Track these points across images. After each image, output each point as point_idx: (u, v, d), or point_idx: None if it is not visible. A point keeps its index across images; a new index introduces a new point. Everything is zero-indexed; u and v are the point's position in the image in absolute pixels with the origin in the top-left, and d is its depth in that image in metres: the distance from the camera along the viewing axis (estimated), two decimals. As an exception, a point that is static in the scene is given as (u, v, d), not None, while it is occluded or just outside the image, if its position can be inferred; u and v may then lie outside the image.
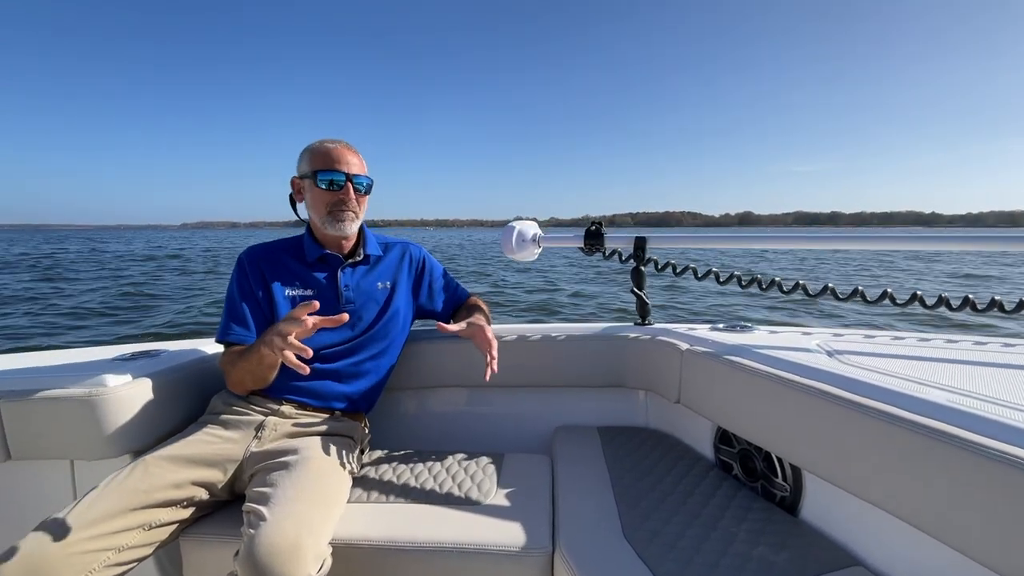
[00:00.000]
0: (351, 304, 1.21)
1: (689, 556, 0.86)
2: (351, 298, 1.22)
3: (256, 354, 1.02)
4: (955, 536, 0.66)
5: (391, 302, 1.27)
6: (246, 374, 1.08)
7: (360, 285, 1.24)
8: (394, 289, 1.29)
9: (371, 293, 1.25)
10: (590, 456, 1.25)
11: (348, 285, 1.22)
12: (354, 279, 1.24)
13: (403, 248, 1.36)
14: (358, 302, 1.22)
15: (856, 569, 0.82)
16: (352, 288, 1.22)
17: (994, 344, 1.10)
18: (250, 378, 1.09)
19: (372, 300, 1.25)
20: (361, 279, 1.25)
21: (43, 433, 1.07)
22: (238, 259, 1.21)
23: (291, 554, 0.78)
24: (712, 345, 1.21)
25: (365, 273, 1.26)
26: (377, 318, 1.25)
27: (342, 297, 1.20)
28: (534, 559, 0.91)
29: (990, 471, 0.62)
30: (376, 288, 1.26)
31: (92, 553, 0.79)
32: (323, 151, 1.16)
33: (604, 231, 1.44)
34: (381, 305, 1.26)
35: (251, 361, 1.04)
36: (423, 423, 1.54)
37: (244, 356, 1.07)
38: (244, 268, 1.20)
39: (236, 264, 1.21)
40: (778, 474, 1.04)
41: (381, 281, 1.27)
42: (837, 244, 1.27)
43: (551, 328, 1.48)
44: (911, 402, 0.77)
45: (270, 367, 1.07)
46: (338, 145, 1.17)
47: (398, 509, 1.04)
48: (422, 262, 1.38)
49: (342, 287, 1.21)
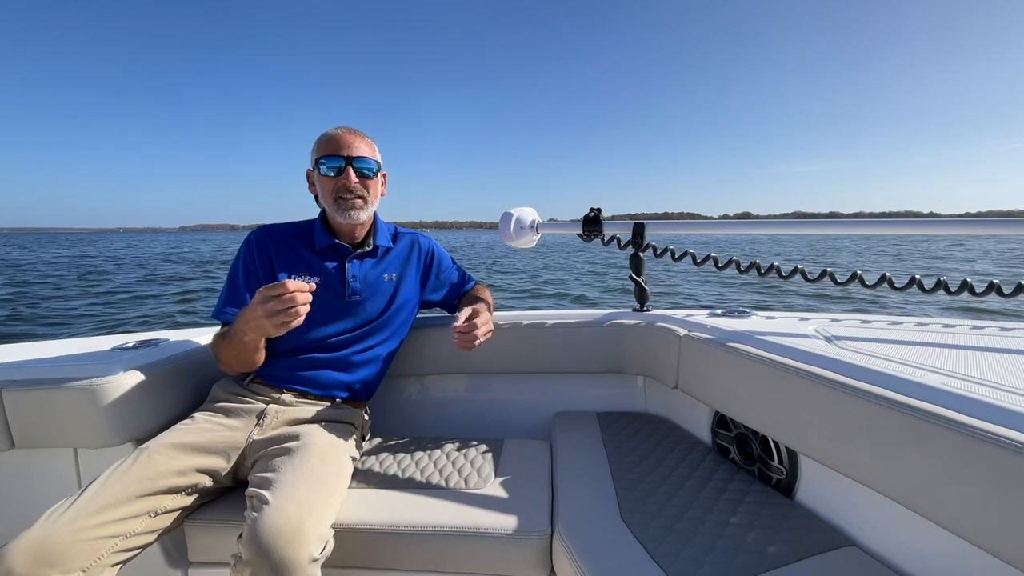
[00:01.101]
0: (357, 295, 1.21)
1: (686, 538, 0.87)
2: (358, 289, 1.21)
3: (238, 340, 1.01)
4: (949, 517, 0.67)
5: (397, 294, 1.27)
6: (231, 358, 1.08)
7: (367, 276, 1.24)
8: (401, 281, 1.29)
9: (378, 285, 1.25)
10: (589, 441, 1.26)
11: (356, 276, 1.22)
12: (362, 270, 1.23)
13: (412, 239, 1.35)
14: (364, 293, 1.22)
15: (850, 550, 0.84)
16: (360, 279, 1.22)
17: (991, 328, 1.10)
18: (235, 362, 1.09)
19: (378, 292, 1.25)
20: (369, 270, 1.24)
21: (47, 422, 1.08)
22: (246, 238, 1.21)
23: (293, 536, 0.79)
24: (710, 331, 1.21)
25: (373, 264, 1.25)
26: (383, 310, 1.25)
27: (349, 288, 1.20)
28: (533, 542, 0.92)
29: (984, 453, 0.63)
30: (383, 280, 1.26)
31: (100, 540, 0.81)
32: (326, 138, 1.15)
33: (602, 217, 1.44)
34: (387, 298, 1.26)
35: (234, 346, 1.04)
36: (423, 409, 1.55)
37: (227, 339, 1.06)
38: (252, 248, 1.19)
39: (244, 243, 1.21)
40: (774, 457, 1.05)
41: (388, 273, 1.27)
42: (828, 229, 1.27)
43: (550, 314, 1.48)
44: (907, 386, 0.77)
45: (254, 350, 1.06)
46: (340, 130, 1.16)
47: (398, 494, 1.05)
48: (431, 253, 1.37)
49: (349, 278, 1.21)
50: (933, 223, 1.16)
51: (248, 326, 0.97)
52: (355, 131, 1.17)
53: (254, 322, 0.95)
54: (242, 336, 1.01)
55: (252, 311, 0.94)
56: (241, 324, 0.99)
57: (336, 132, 1.15)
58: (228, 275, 1.19)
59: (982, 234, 1.10)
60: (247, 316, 0.97)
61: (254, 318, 0.94)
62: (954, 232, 1.15)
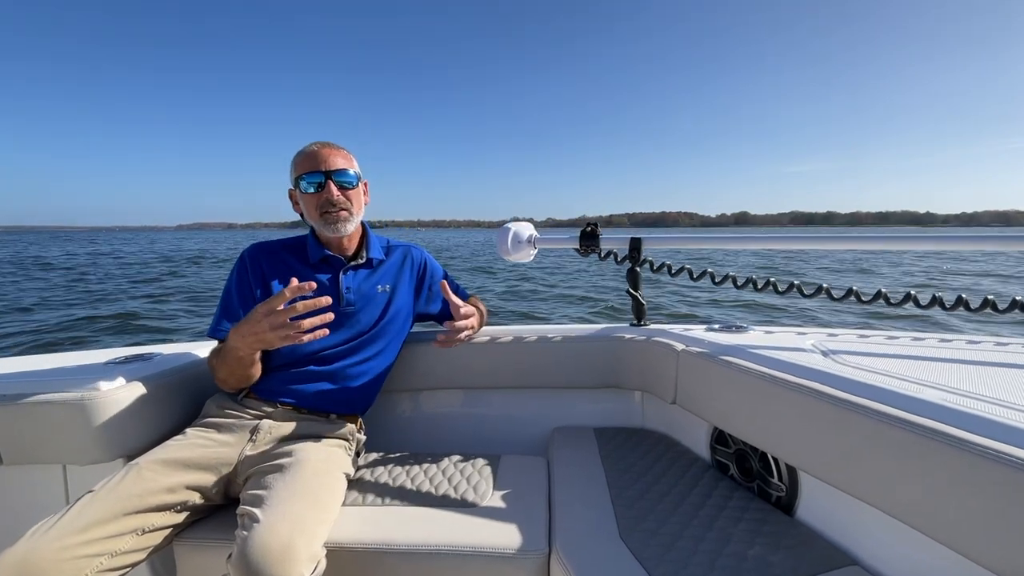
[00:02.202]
0: (351, 307, 1.21)
1: (686, 557, 0.86)
2: (352, 300, 1.22)
3: (233, 356, 1.02)
4: (951, 535, 0.66)
5: (390, 305, 1.27)
6: (228, 374, 1.08)
7: (361, 288, 1.24)
8: (394, 292, 1.29)
9: (371, 296, 1.25)
10: (586, 457, 1.25)
11: (349, 287, 1.22)
12: (355, 282, 1.24)
13: (405, 251, 1.36)
14: (358, 304, 1.22)
15: (852, 569, 0.82)
16: (353, 291, 1.23)
17: (987, 343, 1.10)
18: (233, 378, 1.09)
19: (372, 303, 1.25)
20: (363, 282, 1.25)
21: (35, 437, 1.06)
22: (240, 255, 1.22)
23: (284, 555, 0.77)
24: (708, 346, 1.21)
25: (367, 276, 1.26)
26: (376, 321, 1.25)
27: (343, 299, 1.21)
28: (530, 560, 0.91)
29: (985, 470, 0.62)
30: (376, 291, 1.26)
31: (85, 558, 0.79)
32: (303, 155, 1.17)
33: (599, 232, 1.44)
34: (380, 308, 1.26)
35: (229, 362, 1.05)
36: (419, 425, 1.53)
37: (223, 356, 1.06)
38: (245, 264, 1.20)
39: (238, 259, 1.22)
40: (774, 474, 1.04)
41: (381, 284, 1.28)
42: (830, 244, 1.27)
43: (547, 329, 1.48)
44: (906, 401, 0.77)
45: (250, 364, 1.07)
46: (314, 146, 1.18)
47: (394, 512, 1.03)
48: (423, 265, 1.38)
49: (343, 289, 1.21)
50: (928, 239, 1.15)
51: (245, 341, 0.98)
52: (330, 144, 1.19)
53: (252, 337, 0.96)
54: (237, 352, 1.01)
55: (252, 324, 0.95)
56: (236, 339, 0.99)
57: (312, 148, 1.17)
58: (223, 293, 1.20)
59: (982, 250, 1.10)
60: (244, 330, 0.97)
61: (253, 332, 0.95)
62: (953, 248, 1.14)
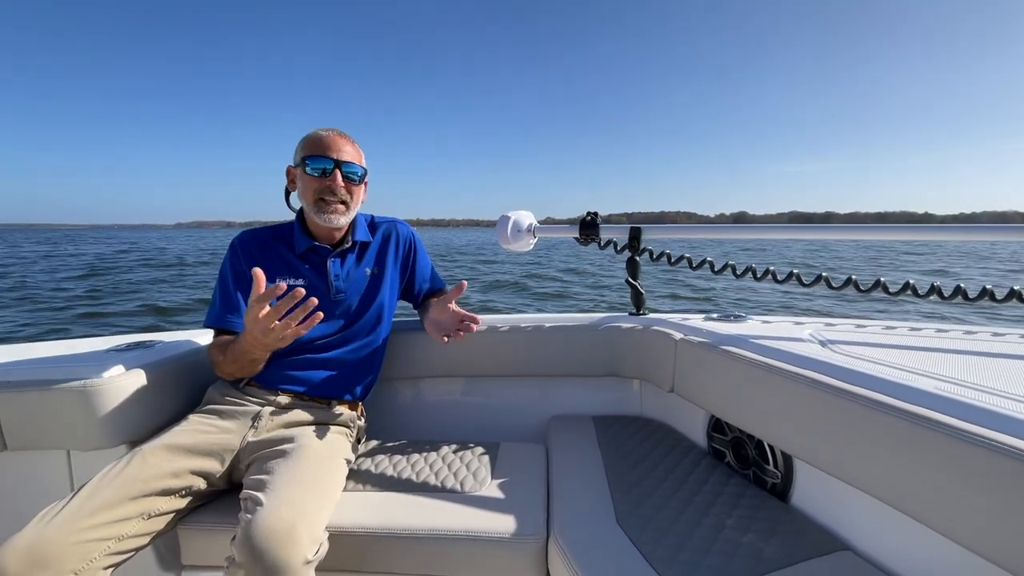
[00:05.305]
0: (342, 294, 1.21)
1: (681, 542, 0.87)
2: (341, 288, 1.21)
3: (241, 350, 1.04)
4: (942, 521, 0.67)
5: (380, 286, 1.27)
6: (236, 368, 1.09)
7: (350, 274, 1.24)
8: (382, 272, 1.29)
9: (361, 280, 1.25)
10: (585, 445, 1.26)
11: (338, 275, 1.22)
12: (344, 269, 1.24)
13: (389, 227, 1.34)
14: (349, 291, 1.22)
15: (844, 554, 0.84)
16: (343, 278, 1.22)
17: (984, 334, 1.11)
18: (239, 371, 1.11)
19: (362, 287, 1.25)
20: (351, 268, 1.25)
21: (39, 424, 1.07)
22: (231, 243, 1.21)
23: (287, 537, 0.79)
24: (706, 335, 1.22)
25: (354, 260, 1.26)
26: (368, 305, 1.25)
27: (332, 287, 1.20)
28: (529, 545, 0.92)
29: (977, 458, 0.63)
30: (365, 275, 1.26)
31: (93, 542, 0.80)
32: (315, 138, 1.15)
33: (599, 222, 1.44)
34: (371, 292, 1.26)
35: (237, 356, 1.06)
36: (419, 413, 1.55)
37: (231, 349, 1.07)
38: (237, 252, 1.19)
39: (229, 248, 1.21)
40: (770, 461, 1.05)
41: (369, 267, 1.27)
42: (825, 234, 1.28)
43: (546, 318, 1.48)
44: (900, 390, 0.78)
45: (262, 362, 1.10)
46: (331, 133, 1.16)
47: (394, 498, 1.05)
48: (409, 241, 1.36)
49: (332, 277, 1.21)
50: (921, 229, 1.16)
51: (254, 346, 1.00)
52: (344, 135, 1.18)
53: (259, 344, 0.97)
54: (251, 355, 1.04)
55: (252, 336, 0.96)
56: (248, 344, 1.00)
57: (326, 133, 1.16)
58: (218, 282, 1.19)
59: (977, 239, 1.11)
60: (251, 340, 0.98)
61: (258, 343, 0.97)
62: (942, 238, 1.15)
